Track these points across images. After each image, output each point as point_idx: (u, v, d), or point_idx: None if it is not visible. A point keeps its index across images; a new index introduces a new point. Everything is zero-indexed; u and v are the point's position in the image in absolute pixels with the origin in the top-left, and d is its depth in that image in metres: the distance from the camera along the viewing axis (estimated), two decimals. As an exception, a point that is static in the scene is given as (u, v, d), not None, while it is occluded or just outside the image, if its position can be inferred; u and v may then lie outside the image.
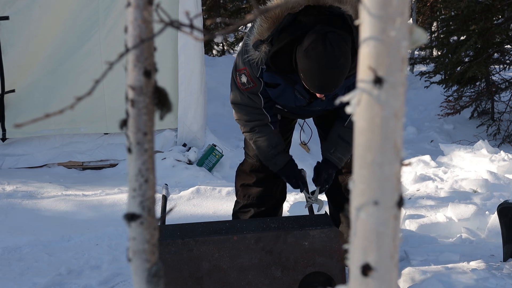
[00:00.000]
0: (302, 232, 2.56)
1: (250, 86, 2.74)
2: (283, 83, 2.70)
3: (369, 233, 0.70)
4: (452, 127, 8.77)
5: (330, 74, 2.44)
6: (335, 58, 2.41)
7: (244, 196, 3.17)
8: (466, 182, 4.71)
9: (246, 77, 2.71)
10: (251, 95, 2.78)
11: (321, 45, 2.41)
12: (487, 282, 2.75)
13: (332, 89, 2.51)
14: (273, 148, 2.87)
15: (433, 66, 9.53)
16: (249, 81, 2.72)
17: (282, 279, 2.57)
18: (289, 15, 2.50)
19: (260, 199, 3.13)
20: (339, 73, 2.45)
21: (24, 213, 4.37)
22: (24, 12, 5.66)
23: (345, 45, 2.44)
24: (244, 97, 2.81)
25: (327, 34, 2.42)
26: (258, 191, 3.12)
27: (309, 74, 2.46)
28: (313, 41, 2.43)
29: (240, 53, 2.79)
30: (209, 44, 12.71)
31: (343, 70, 2.45)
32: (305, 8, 2.50)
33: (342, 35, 2.45)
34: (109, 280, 3.26)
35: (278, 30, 2.51)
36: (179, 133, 6.00)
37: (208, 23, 0.82)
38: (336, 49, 2.41)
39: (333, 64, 2.42)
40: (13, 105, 5.80)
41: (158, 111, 0.80)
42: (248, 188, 3.16)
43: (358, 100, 0.70)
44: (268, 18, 2.52)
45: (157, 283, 0.81)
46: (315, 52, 2.42)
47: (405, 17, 0.69)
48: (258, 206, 3.14)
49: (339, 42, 2.42)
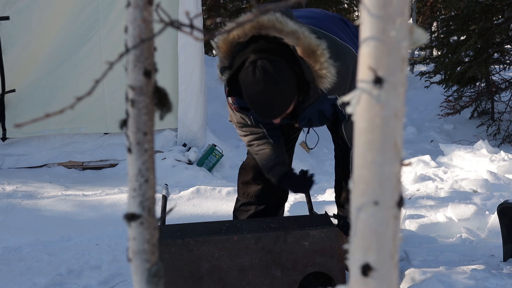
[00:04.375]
0: (302, 232, 2.56)
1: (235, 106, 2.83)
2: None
3: (369, 233, 0.70)
4: (452, 127, 8.77)
5: (261, 101, 2.48)
6: (264, 84, 2.45)
7: (244, 194, 3.17)
8: (466, 182, 4.71)
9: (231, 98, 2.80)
10: (239, 113, 2.86)
11: (251, 73, 2.46)
12: (487, 282, 2.75)
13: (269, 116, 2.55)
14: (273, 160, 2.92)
15: (433, 66, 9.53)
16: (233, 102, 2.81)
17: (282, 279, 2.57)
18: (237, 45, 2.56)
19: (260, 198, 3.13)
20: (270, 99, 2.48)
21: (24, 213, 4.38)
22: (24, 12, 5.66)
23: (277, 71, 2.47)
24: (236, 116, 2.90)
25: (257, 62, 2.46)
26: (258, 189, 3.11)
27: (247, 101, 2.53)
28: (245, 69, 2.49)
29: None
30: (209, 44, 12.71)
31: (274, 96, 2.48)
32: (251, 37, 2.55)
33: (274, 61, 2.47)
34: (109, 280, 3.26)
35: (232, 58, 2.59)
36: (179, 133, 6.00)
37: (208, 23, 0.82)
38: (265, 75, 2.44)
39: (262, 91, 2.45)
40: (13, 105, 5.80)
41: (158, 111, 0.80)
42: (248, 186, 3.16)
43: (358, 100, 0.70)
44: (220, 47, 2.60)
45: (157, 283, 0.81)
46: (246, 80, 2.48)
47: (405, 17, 0.69)
48: (257, 205, 3.14)
49: (269, 69, 2.45)
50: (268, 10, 0.75)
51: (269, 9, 0.75)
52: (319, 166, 6.45)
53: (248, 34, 2.53)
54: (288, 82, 2.49)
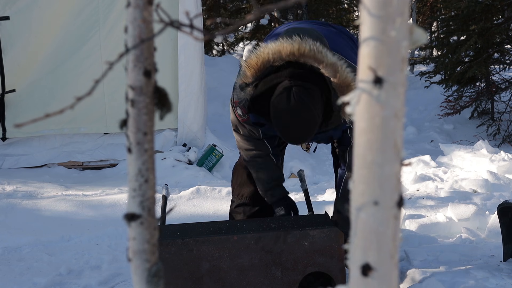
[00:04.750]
0: (302, 232, 2.56)
1: (245, 118, 2.85)
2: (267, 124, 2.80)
3: (369, 233, 0.70)
4: (452, 127, 8.77)
5: (292, 127, 2.52)
6: (296, 112, 2.49)
7: (238, 195, 3.19)
8: (466, 182, 4.71)
9: (241, 109, 2.82)
10: (249, 126, 2.89)
11: (285, 99, 2.49)
12: (487, 282, 2.75)
13: (297, 141, 2.62)
14: (273, 181, 2.98)
15: (433, 66, 9.53)
16: (244, 114, 2.83)
17: (282, 279, 2.57)
18: (270, 67, 2.59)
19: (253, 199, 3.13)
20: (302, 126, 2.53)
21: (24, 213, 4.37)
22: (24, 12, 5.66)
23: (312, 100, 2.51)
24: (244, 129, 2.92)
25: (292, 88, 2.50)
26: (251, 190, 3.13)
27: (275, 124, 2.57)
28: (279, 94, 2.52)
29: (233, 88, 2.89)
30: (209, 44, 12.71)
31: (305, 124, 2.53)
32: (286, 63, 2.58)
33: (309, 89, 2.52)
34: (109, 280, 3.26)
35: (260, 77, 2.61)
36: (179, 133, 6.00)
37: (208, 23, 0.82)
38: (299, 103, 2.48)
39: (295, 118, 2.50)
40: (13, 105, 5.80)
41: (158, 111, 0.80)
42: (242, 187, 3.18)
43: (358, 100, 0.70)
44: (250, 68, 2.61)
45: (157, 283, 0.81)
46: (279, 105, 2.51)
47: (405, 17, 0.69)
48: (252, 206, 3.15)
49: (303, 97, 2.49)
50: (268, 10, 0.75)
51: (269, 9, 0.75)
52: (319, 166, 6.44)
53: (284, 59, 2.55)
54: (318, 111, 2.55)
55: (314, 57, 2.53)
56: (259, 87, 2.62)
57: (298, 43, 2.53)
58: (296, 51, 2.52)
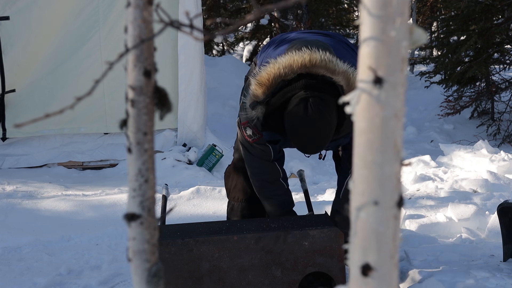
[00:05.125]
0: (302, 232, 2.56)
1: (256, 137, 2.82)
2: (282, 139, 2.81)
3: (369, 233, 0.70)
4: (452, 127, 8.77)
5: (310, 137, 2.53)
6: (315, 122, 2.49)
7: (234, 198, 3.19)
8: (466, 182, 4.71)
9: (251, 129, 2.79)
10: (261, 146, 2.85)
11: (302, 110, 2.50)
12: (487, 282, 2.75)
13: (314, 151, 2.62)
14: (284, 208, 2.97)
15: (433, 66, 9.53)
16: (255, 133, 2.81)
17: (282, 279, 2.57)
18: (282, 82, 2.58)
19: (250, 201, 3.13)
20: (320, 136, 2.53)
21: (24, 213, 4.37)
22: (24, 12, 5.67)
23: (328, 110, 2.51)
24: (255, 150, 2.88)
25: (309, 99, 2.50)
26: (247, 192, 3.12)
27: (291, 135, 2.56)
28: (295, 105, 2.52)
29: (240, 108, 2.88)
30: (209, 44, 12.71)
31: (324, 134, 2.53)
32: (297, 76, 2.58)
33: (325, 99, 2.52)
34: (109, 280, 3.26)
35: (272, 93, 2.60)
36: (179, 133, 6.00)
37: (208, 23, 0.82)
38: (317, 114, 2.49)
39: (313, 128, 2.50)
40: (13, 105, 5.80)
41: (158, 111, 0.80)
42: (237, 190, 3.17)
43: (358, 100, 0.70)
44: (262, 84, 2.60)
45: (157, 283, 0.81)
46: (296, 116, 2.51)
47: (405, 17, 0.69)
48: (248, 208, 3.14)
49: (320, 107, 2.49)
50: (268, 10, 0.75)
51: (269, 9, 0.75)
52: (319, 166, 6.44)
53: (296, 71, 2.55)
54: (334, 120, 2.55)
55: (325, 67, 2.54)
56: (272, 102, 2.61)
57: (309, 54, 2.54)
58: (308, 63, 2.53)
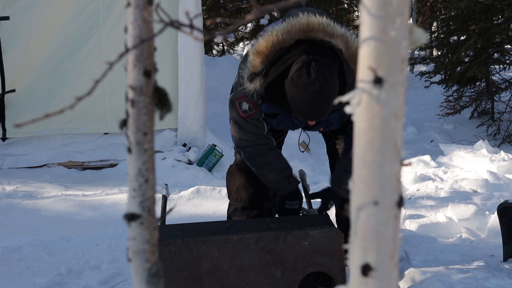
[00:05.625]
0: (302, 232, 2.56)
1: (252, 112, 2.79)
2: (281, 113, 2.77)
3: (369, 233, 0.70)
4: (452, 127, 8.77)
5: (314, 101, 2.48)
6: (319, 85, 2.45)
7: (237, 199, 3.15)
8: (466, 182, 4.71)
9: (248, 103, 2.76)
10: (254, 121, 2.83)
11: (305, 73, 2.46)
12: (487, 282, 2.75)
13: (318, 116, 2.55)
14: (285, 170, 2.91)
15: (433, 66, 9.53)
16: (251, 108, 2.78)
17: (282, 279, 2.57)
18: (280, 49, 2.55)
19: (253, 201, 3.10)
20: (324, 100, 2.48)
21: (24, 213, 4.37)
22: (24, 12, 5.66)
23: (330, 73, 2.48)
24: (247, 125, 2.84)
25: (311, 62, 2.47)
26: (250, 193, 3.09)
27: (295, 101, 2.51)
28: (297, 69, 2.48)
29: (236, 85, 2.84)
30: (209, 44, 12.71)
31: (327, 97, 2.48)
32: (296, 42, 2.55)
33: (327, 63, 2.49)
34: (109, 280, 3.26)
35: (271, 63, 2.57)
36: (179, 133, 6.00)
37: (208, 23, 0.82)
38: (320, 77, 2.45)
39: (317, 92, 2.46)
40: (13, 105, 5.80)
41: (158, 111, 0.80)
42: (240, 190, 3.14)
43: (358, 100, 0.70)
44: (260, 53, 2.57)
45: (157, 283, 0.81)
46: (300, 80, 2.47)
47: (405, 17, 0.69)
48: (251, 209, 3.11)
49: (323, 70, 2.46)
50: (268, 10, 0.75)
51: (269, 9, 0.75)
52: (319, 166, 6.44)
53: (294, 37, 2.52)
54: (336, 83, 2.51)
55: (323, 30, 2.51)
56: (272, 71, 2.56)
57: (306, 19, 2.51)
58: (306, 27, 2.50)
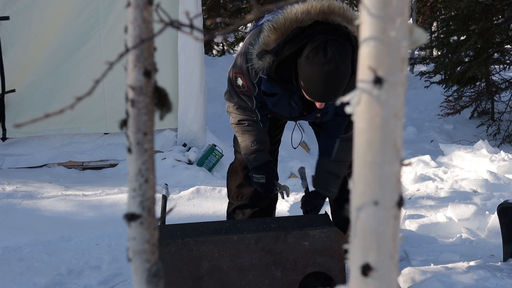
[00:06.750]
0: (302, 232, 2.56)
1: (244, 90, 2.79)
2: (281, 93, 2.74)
3: (369, 233, 0.70)
4: (452, 127, 8.77)
5: (330, 81, 2.45)
6: (335, 64, 2.43)
7: (237, 197, 3.15)
8: (466, 182, 4.71)
9: (242, 81, 2.75)
10: (244, 97, 2.83)
11: (321, 52, 2.44)
12: (487, 282, 2.75)
13: (332, 97, 2.51)
14: (257, 144, 2.88)
15: (433, 66, 9.53)
16: (244, 86, 2.77)
17: (282, 279, 2.57)
18: (297, 28, 2.53)
19: (253, 200, 3.11)
20: (339, 80, 2.47)
21: (24, 213, 4.37)
22: (24, 12, 5.66)
23: (346, 54, 2.47)
24: (238, 98, 2.85)
25: (328, 42, 2.45)
26: (251, 191, 3.09)
27: (310, 81, 2.48)
28: (314, 48, 2.46)
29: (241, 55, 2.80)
30: (209, 44, 12.71)
31: (343, 77, 2.47)
32: (313, 23, 2.54)
33: (343, 44, 2.48)
34: (109, 280, 3.26)
35: (284, 42, 2.55)
36: (179, 133, 6.00)
37: (208, 23, 0.82)
38: (337, 56, 2.43)
39: (333, 71, 2.43)
40: (13, 105, 5.80)
41: (158, 111, 0.80)
42: (240, 188, 3.14)
43: (358, 100, 0.70)
44: (277, 29, 2.55)
45: (157, 283, 0.81)
46: (316, 58, 2.44)
47: (405, 17, 0.69)
48: (251, 207, 3.12)
49: (340, 50, 2.44)
50: (268, 10, 0.75)
51: (269, 9, 0.75)
52: (319, 166, 6.43)
53: (312, 18, 2.52)
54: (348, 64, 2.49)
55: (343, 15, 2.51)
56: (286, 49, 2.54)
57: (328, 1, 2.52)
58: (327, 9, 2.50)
